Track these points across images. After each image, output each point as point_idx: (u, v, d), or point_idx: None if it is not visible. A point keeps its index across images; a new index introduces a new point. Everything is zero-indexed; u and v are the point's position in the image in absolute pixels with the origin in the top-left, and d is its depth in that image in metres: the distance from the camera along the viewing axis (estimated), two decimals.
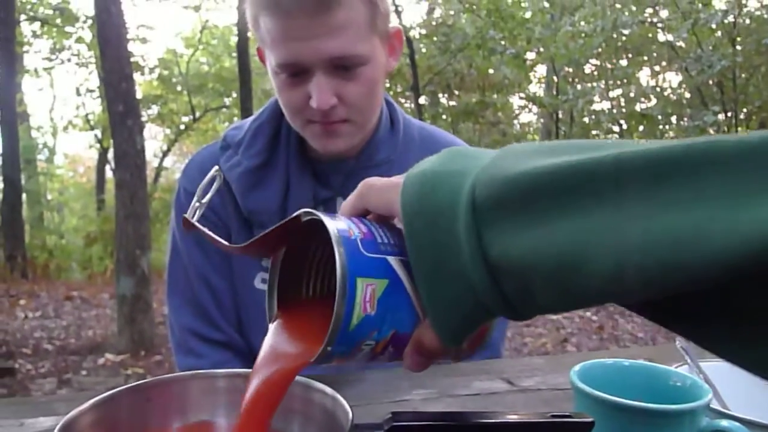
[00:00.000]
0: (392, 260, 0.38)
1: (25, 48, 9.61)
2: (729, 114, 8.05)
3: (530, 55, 9.28)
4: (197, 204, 0.45)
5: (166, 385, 0.47)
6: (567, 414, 0.42)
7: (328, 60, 0.82)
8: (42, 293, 6.39)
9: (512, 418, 0.42)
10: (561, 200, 0.30)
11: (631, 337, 4.65)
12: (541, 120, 10.66)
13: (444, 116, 9.71)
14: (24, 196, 8.64)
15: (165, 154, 11.80)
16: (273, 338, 0.40)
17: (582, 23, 8.88)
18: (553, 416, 0.42)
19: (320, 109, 0.83)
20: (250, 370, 0.51)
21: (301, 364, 0.38)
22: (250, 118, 0.99)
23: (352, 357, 0.37)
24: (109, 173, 10.26)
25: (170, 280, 1.00)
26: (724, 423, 0.49)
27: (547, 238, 0.30)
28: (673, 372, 0.56)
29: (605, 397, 0.49)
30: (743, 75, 8.12)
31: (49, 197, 12.49)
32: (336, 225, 0.37)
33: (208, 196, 0.46)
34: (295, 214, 0.40)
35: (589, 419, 0.41)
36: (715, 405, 0.56)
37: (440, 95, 9.89)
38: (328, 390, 0.46)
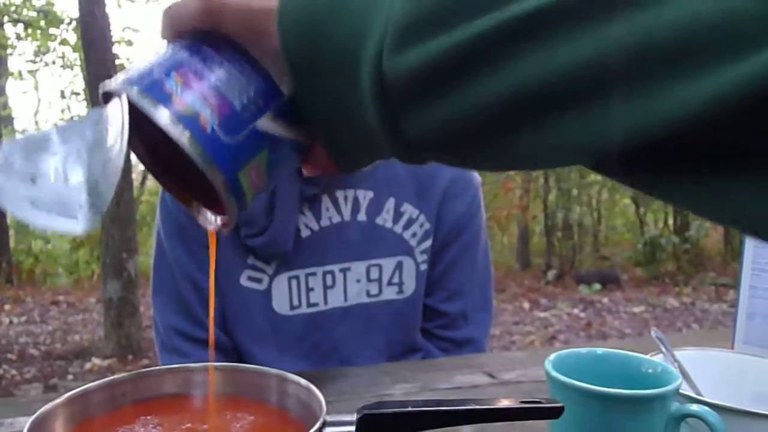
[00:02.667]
0: (263, 123, 0.32)
1: (9, 51, 9.51)
2: None
3: None
4: None
5: (140, 380, 0.48)
6: (537, 400, 0.43)
7: None
8: (27, 298, 6.33)
9: (483, 405, 0.43)
10: (492, 59, 0.25)
11: (618, 333, 4.69)
12: None
13: None
14: None
15: None
16: None
17: None
18: (523, 402, 0.43)
19: None
20: (228, 363, 0.52)
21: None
22: None
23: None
24: None
25: (155, 279, 1.00)
26: (695, 407, 0.50)
27: (477, 105, 0.26)
28: (645, 359, 0.57)
29: (576, 383, 0.50)
30: None
31: None
32: (177, 112, 0.30)
33: None
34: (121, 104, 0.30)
35: (558, 404, 0.42)
36: (687, 391, 0.57)
37: None
38: (303, 381, 0.46)
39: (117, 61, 4.44)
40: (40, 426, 0.39)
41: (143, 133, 0.32)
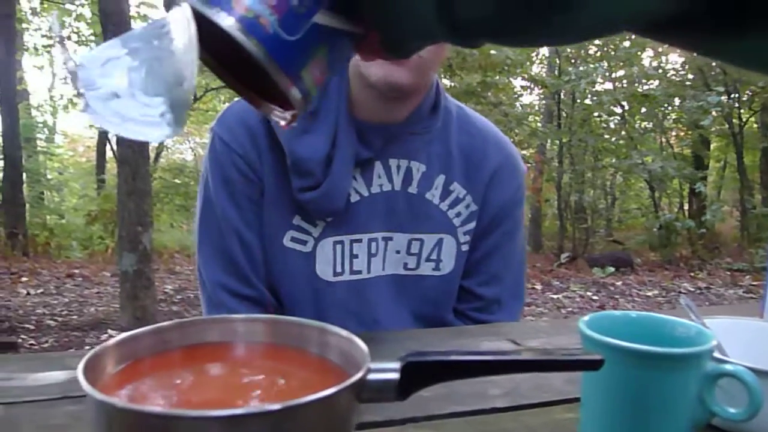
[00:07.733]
0: (320, 18, 0.32)
1: (24, 25, 9.52)
2: (732, 95, 8.00)
3: None
4: None
5: (186, 328, 0.49)
6: (576, 352, 0.43)
7: None
8: (43, 271, 6.41)
9: (525, 356, 0.43)
10: None
11: None
12: (543, 101, 10.62)
13: None
14: (24, 175, 8.61)
15: None
16: None
17: None
18: (564, 354, 0.43)
19: None
20: (268, 315, 0.52)
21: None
22: None
23: None
24: (109, 153, 10.23)
25: (201, 233, 0.98)
26: (730, 367, 0.50)
27: None
28: (678, 322, 0.57)
29: (610, 341, 0.50)
30: None
31: (49, 176, 12.46)
32: (239, 16, 0.30)
33: None
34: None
35: (599, 357, 0.42)
36: (719, 356, 0.57)
37: (442, 75, 9.86)
38: (344, 332, 0.47)
39: None
40: (93, 363, 0.40)
41: (205, 37, 0.32)
